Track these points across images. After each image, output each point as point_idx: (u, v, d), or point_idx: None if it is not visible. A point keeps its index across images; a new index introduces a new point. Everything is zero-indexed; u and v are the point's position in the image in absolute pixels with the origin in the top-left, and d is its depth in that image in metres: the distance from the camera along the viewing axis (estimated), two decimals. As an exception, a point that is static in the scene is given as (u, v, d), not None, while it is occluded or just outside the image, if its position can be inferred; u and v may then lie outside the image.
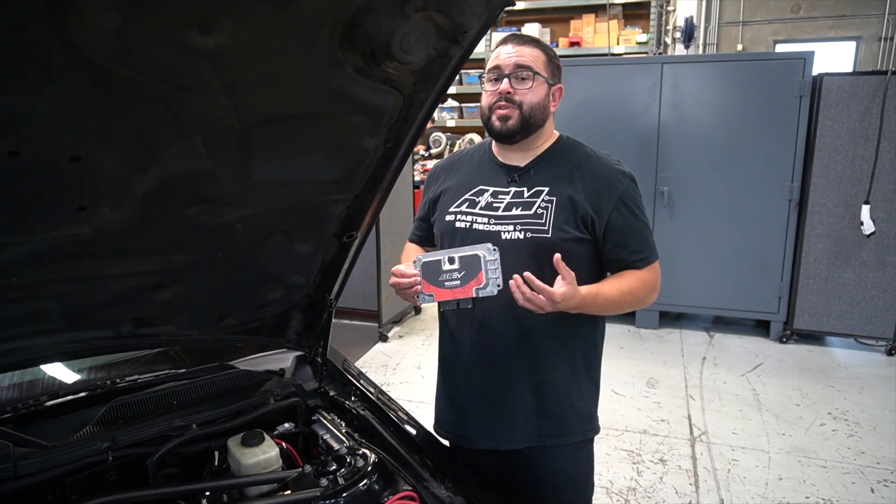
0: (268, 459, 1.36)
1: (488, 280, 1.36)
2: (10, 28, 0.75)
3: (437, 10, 0.98)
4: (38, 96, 0.87)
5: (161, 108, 0.97)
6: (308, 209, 1.35)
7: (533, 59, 1.48)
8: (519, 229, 1.49)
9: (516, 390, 1.55)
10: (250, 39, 0.92)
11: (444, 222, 1.60)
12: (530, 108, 1.48)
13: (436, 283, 1.41)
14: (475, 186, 1.58)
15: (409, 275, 1.44)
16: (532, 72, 1.47)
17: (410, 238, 1.83)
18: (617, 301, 1.48)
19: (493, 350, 1.55)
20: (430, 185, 1.72)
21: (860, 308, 4.31)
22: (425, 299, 1.43)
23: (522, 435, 1.57)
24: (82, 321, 1.35)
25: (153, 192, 1.11)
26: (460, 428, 1.65)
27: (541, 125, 1.53)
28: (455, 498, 1.32)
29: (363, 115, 1.16)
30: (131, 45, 0.85)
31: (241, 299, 1.52)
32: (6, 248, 1.09)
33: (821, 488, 2.84)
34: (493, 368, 1.56)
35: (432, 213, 1.68)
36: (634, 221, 1.52)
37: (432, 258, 1.42)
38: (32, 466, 1.24)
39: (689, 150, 4.47)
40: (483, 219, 1.53)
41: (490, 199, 1.54)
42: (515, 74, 1.47)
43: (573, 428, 1.58)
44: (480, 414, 1.60)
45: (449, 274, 1.39)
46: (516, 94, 1.47)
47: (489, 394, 1.58)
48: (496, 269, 1.36)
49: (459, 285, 1.39)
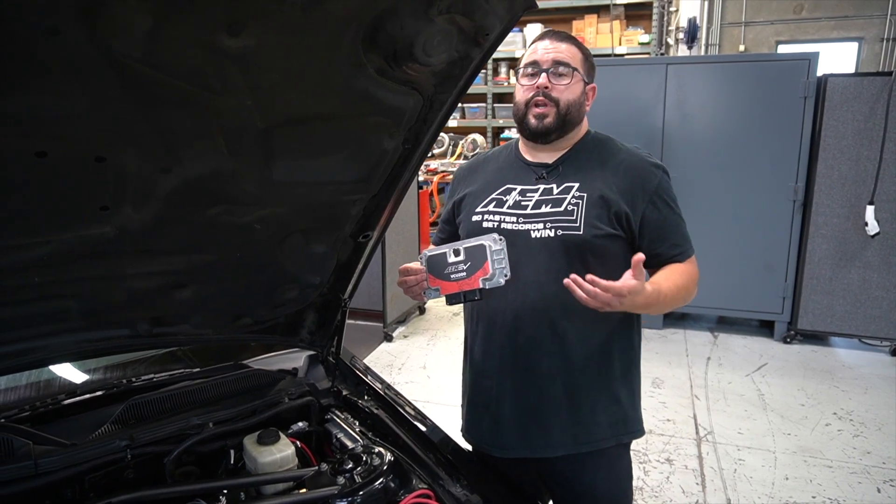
0: (284, 458, 1.37)
1: (495, 270, 1.32)
2: (44, 31, 0.76)
3: (461, 13, 0.99)
4: (68, 97, 0.88)
5: (186, 108, 0.98)
6: (326, 209, 1.36)
7: (571, 56, 1.45)
8: (549, 227, 1.44)
9: (551, 396, 1.50)
10: (277, 41, 0.92)
11: (471, 223, 1.55)
12: (567, 105, 1.45)
13: (441, 276, 1.37)
14: (502, 185, 1.54)
15: (415, 270, 1.41)
16: (570, 68, 1.44)
17: (433, 241, 1.78)
18: (674, 297, 1.42)
19: (526, 356, 1.49)
20: (456, 187, 1.68)
21: (864, 308, 4.31)
22: (431, 294, 1.39)
23: (558, 442, 1.51)
24: (101, 320, 1.36)
25: (175, 192, 1.12)
26: (492, 436, 1.57)
27: (577, 124, 1.50)
28: (471, 496, 1.33)
29: (383, 116, 1.17)
30: (160, 46, 0.86)
31: (257, 299, 1.53)
32: (30, 248, 1.10)
33: (827, 488, 2.85)
34: (526, 374, 1.50)
35: (457, 215, 1.64)
36: (671, 215, 1.48)
37: (437, 252, 1.38)
38: (53, 464, 1.25)
39: (693, 151, 4.47)
40: (511, 217, 1.48)
41: (518, 197, 1.50)
42: (554, 70, 1.43)
43: (608, 433, 1.53)
44: (513, 421, 1.53)
45: (454, 266, 1.36)
46: (553, 90, 1.44)
47: (522, 400, 1.52)
48: (503, 258, 1.32)
49: (465, 277, 1.34)
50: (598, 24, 7.20)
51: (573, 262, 1.42)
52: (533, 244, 1.42)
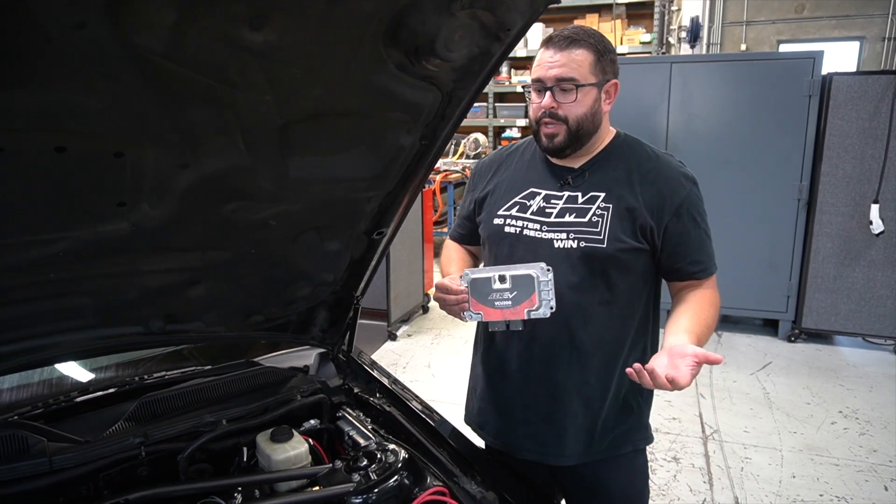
0: (297, 455, 1.37)
1: (541, 302, 1.31)
2: (70, 25, 0.75)
3: (483, 8, 0.98)
4: (90, 93, 0.87)
5: (206, 104, 0.98)
6: (341, 206, 1.35)
7: (577, 67, 1.36)
8: (573, 238, 1.41)
9: (566, 405, 1.48)
10: (299, 36, 0.92)
11: (493, 226, 1.52)
12: (577, 121, 1.39)
13: (485, 301, 1.35)
14: (526, 188, 1.50)
15: (456, 290, 1.38)
16: (576, 84, 1.36)
17: (452, 236, 1.76)
18: (707, 334, 1.37)
19: (542, 364, 1.48)
20: (477, 183, 1.64)
21: (869, 307, 4.31)
22: (472, 317, 1.38)
23: (573, 451, 1.50)
24: (115, 317, 1.36)
25: (192, 188, 1.12)
26: (505, 436, 1.58)
27: (592, 133, 1.44)
28: (486, 493, 1.33)
29: (402, 112, 1.16)
30: (183, 41, 0.85)
31: (270, 296, 1.52)
32: (47, 245, 1.10)
33: (834, 486, 2.85)
34: (542, 382, 1.49)
35: (478, 213, 1.60)
36: (695, 229, 1.43)
37: (481, 275, 1.36)
38: (67, 461, 1.25)
39: (697, 150, 4.46)
40: (535, 225, 1.46)
41: (542, 203, 1.47)
42: (559, 86, 1.37)
43: (622, 440, 1.52)
44: (528, 427, 1.53)
45: (500, 294, 1.34)
46: (560, 109, 1.38)
47: (538, 408, 1.51)
48: (549, 290, 1.31)
49: (510, 306, 1.33)
50: (600, 23, 7.20)
51: (595, 274, 1.41)
52: (555, 254, 1.40)
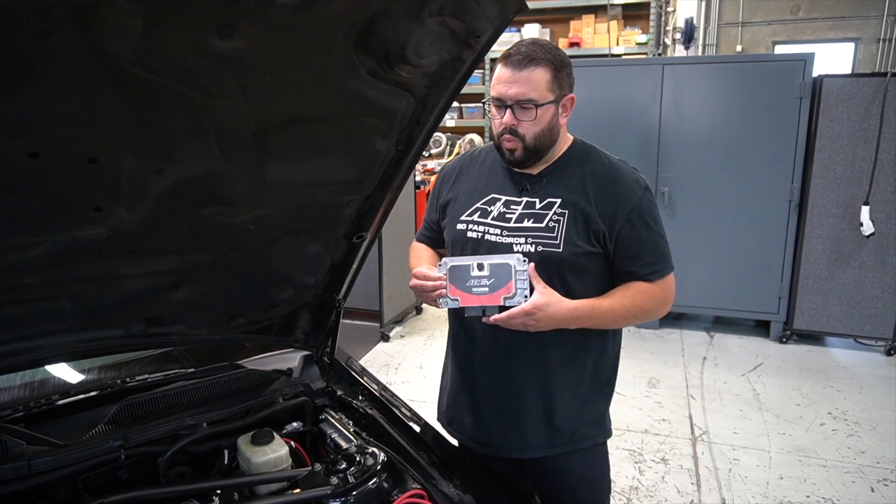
0: (278, 458, 1.37)
1: (517, 290, 1.39)
2: (38, 33, 0.76)
3: (452, 16, 0.99)
4: (61, 99, 0.88)
5: (179, 110, 0.99)
6: (319, 210, 1.36)
7: (534, 86, 1.40)
8: (530, 242, 1.48)
9: (527, 401, 1.55)
10: (268, 43, 0.93)
11: (456, 231, 1.58)
12: (534, 138, 1.45)
13: (462, 288, 1.42)
14: (487, 194, 1.57)
15: (434, 277, 1.45)
16: (535, 104, 1.41)
17: (418, 238, 1.82)
18: (619, 314, 1.47)
19: (504, 360, 1.55)
20: (441, 188, 1.70)
21: (860, 308, 4.33)
22: (449, 303, 1.44)
23: (534, 444, 1.57)
24: (95, 321, 1.37)
25: (168, 193, 1.12)
26: (474, 433, 1.64)
27: (550, 146, 1.50)
28: (464, 496, 1.34)
29: (376, 118, 1.17)
30: (152, 48, 0.86)
31: (251, 299, 1.53)
32: (23, 249, 1.10)
33: (821, 487, 2.86)
34: (504, 378, 1.56)
35: (442, 218, 1.67)
36: (647, 233, 1.48)
37: (460, 263, 1.43)
38: (46, 464, 1.25)
39: (689, 151, 4.48)
40: (495, 230, 1.52)
41: (502, 208, 1.53)
42: (518, 105, 1.42)
43: (583, 434, 1.59)
44: (493, 421, 1.60)
45: (477, 280, 1.41)
46: (520, 127, 1.44)
47: (501, 403, 1.58)
48: (525, 279, 1.39)
49: (487, 292, 1.41)
50: (596, 24, 7.19)
51: (552, 276, 1.46)
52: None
